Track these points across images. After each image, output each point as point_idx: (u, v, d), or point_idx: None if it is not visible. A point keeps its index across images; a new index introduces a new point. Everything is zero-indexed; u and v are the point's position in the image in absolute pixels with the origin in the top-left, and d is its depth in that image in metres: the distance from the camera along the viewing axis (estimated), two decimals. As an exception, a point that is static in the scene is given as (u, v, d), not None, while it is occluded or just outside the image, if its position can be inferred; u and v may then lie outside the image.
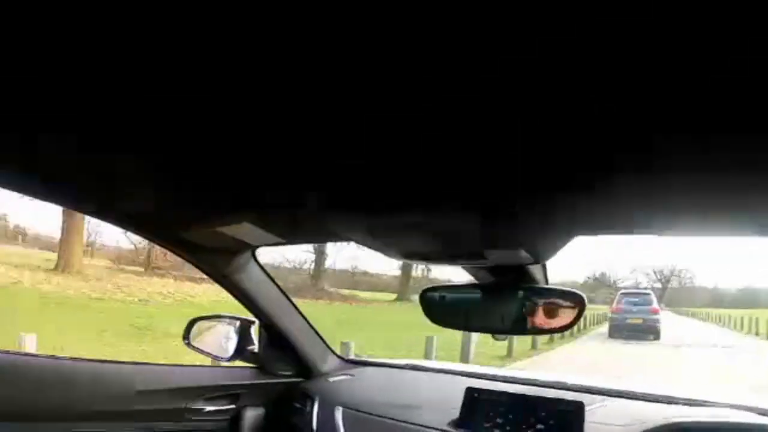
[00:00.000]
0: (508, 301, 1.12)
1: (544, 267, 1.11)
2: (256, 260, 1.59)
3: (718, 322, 24.22)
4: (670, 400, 1.46)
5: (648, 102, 0.50)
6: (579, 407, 1.36)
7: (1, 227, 23.11)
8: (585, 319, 17.31)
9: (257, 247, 1.46)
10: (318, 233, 1.29)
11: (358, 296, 24.64)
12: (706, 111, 0.51)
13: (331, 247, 26.49)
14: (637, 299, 15.51)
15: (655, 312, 14.92)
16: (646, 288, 20.05)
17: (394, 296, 26.65)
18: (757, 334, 17.91)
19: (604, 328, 16.51)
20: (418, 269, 27.24)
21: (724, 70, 0.43)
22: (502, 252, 0.90)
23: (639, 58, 0.43)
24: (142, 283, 16.16)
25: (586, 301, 1.08)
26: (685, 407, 1.41)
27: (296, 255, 27.35)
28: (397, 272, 28.15)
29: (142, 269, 19.52)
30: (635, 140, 0.57)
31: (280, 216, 1.09)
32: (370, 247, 0.97)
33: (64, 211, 15.27)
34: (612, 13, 0.38)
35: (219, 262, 1.50)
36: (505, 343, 9.28)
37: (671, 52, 0.41)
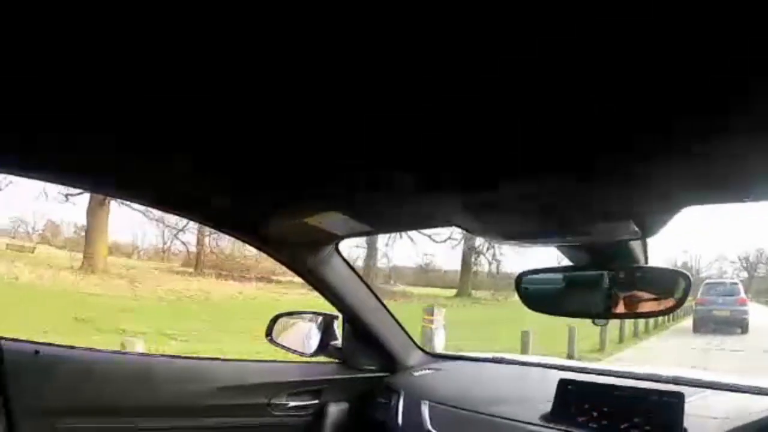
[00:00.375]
0: (608, 283, 1.06)
1: (645, 245, 1.04)
2: (339, 253, 1.59)
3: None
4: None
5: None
6: (678, 399, 1.27)
7: (81, 237, 24.80)
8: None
9: (342, 238, 1.46)
10: (411, 219, 1.26)
11: (409, 292, 24.00)
12: None
13: (382, 246, 26.22)
14: (723, 290, 14.45)
15: (743, 303, 13.86)
16: (732, 277, 18.69)
17: (454, 292, 25.66)
18: None
19: (686, 322, 15.53)
20: (482, 262, 26.54)
21: None
22: (609, 225, 0.85)
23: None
24: (173, 282, 16.53)
25: (692, 279, 1.02)
26: None
27: (348, 252, 27.22)
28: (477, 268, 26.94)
29: (192, 270, 20.17)
30: (747, 97, 0.54)
31: (369, 203, 1.08)
32: (467, 229, 0.94)
33: (87, 211, 15.88)
34: None
35: (302, 256, 1.52)
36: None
37: None
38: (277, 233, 1.36)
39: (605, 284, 1.08)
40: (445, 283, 26.46)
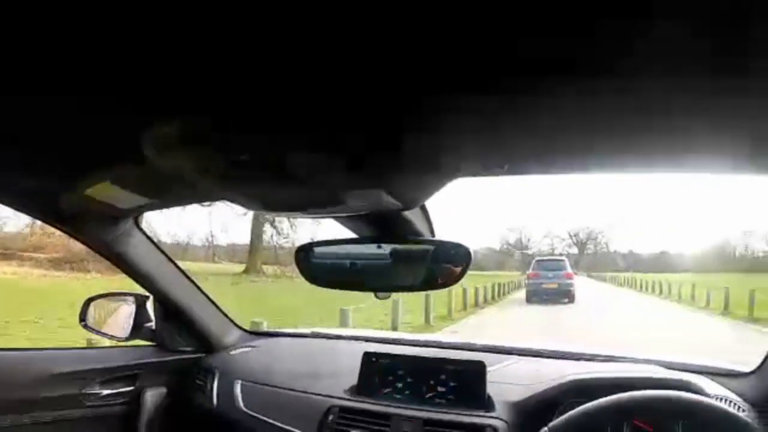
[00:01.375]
0: (388, 255, 1.07)
1: (427, 218, 1.07)
2: (139, 228, 1.49)
3: (633, 285, 26.05)
4: (576, 357, 1.49)
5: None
6: (480, 367, 1.36)
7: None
8: (500, 287, 17.92)
9: (136, 213, 1.37)
10: (186, 193, 1.17)
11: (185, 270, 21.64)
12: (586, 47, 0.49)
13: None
14: (551, 265, 16.50)
15: (569, 277, 16.07)
16: (560, 254, 21.20)
17: (242, 267, 23.65)
18: (661, 293, 19.89)
19: (519, 294, 17.47)
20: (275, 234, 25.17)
21: None
22: (362, 195, 0.83)
23: None
24: None
25: (472, 253, 1.05)
26: (591, 363, 1.45)
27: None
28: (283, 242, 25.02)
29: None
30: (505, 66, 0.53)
31: (143, 174, 1.00)
32: (232, 201, 0.90)
33: None
34: None
35: (99, 233, 1.40)
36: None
37: None
38: (69, 209, 1.24)
39: (385, 257, 1.07)
40: (276, 260, 25.38)
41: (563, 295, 15.39)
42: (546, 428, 1.05)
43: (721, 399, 1.23)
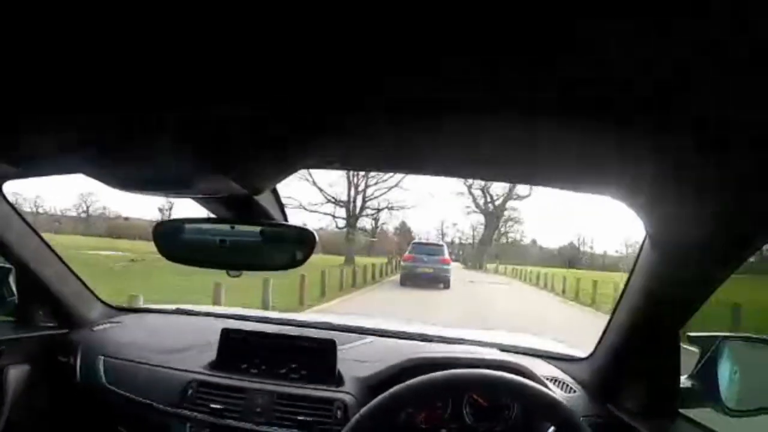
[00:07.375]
0: (241, 236, 1.12)
1: (279, 202, 1.13)
2: (3, 197, 1.41)
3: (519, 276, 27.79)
4: (427, 338, 1.65)
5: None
6: (331, 344, 1.48)
7: None
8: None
9: (2, 180, 1.30)
10: (44, 162, 1.11)
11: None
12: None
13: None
14: (428, 249, 16.46)
15: (446, 262, 16.09)
16: (438, 241, 21.48)
17: None
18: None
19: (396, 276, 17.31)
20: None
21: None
22: (209, 179, 0.85)
23: None
24: None
25: (317, 238, 1.10)
26: (437, 344, 1.62)
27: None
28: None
29: None
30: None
31: (6, 142, 0.94)
32: (91, 176, 0.88)
33: None
34: None
35: None
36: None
37: None
38: None
39: (239, 237, 1.11)
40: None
41: (438, 281, 15.32)
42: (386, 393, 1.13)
43: (553, 380, 1.42)
